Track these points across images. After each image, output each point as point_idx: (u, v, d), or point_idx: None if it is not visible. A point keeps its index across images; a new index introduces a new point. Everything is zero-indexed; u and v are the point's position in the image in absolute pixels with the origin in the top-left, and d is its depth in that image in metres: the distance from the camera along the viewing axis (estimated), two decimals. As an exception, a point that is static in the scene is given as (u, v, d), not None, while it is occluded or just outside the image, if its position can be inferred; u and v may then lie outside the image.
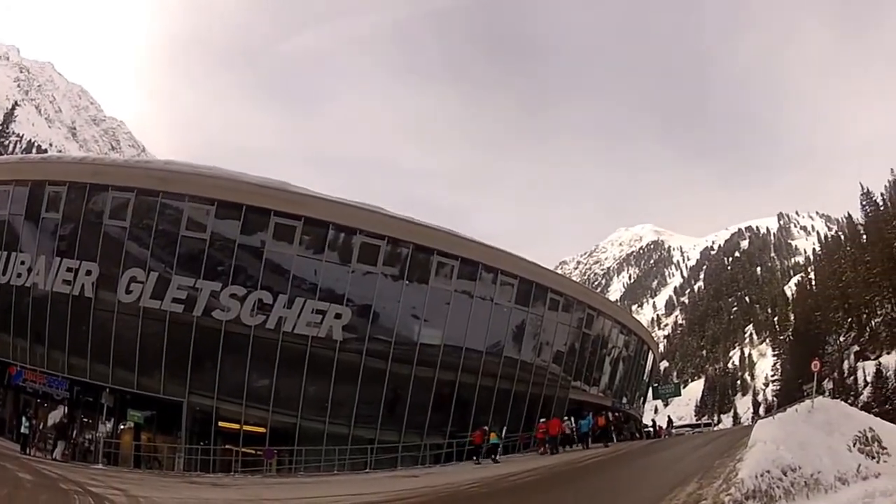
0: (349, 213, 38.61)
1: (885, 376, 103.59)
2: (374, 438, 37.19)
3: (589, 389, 52.31)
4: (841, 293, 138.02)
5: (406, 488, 24.59)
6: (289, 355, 35.97)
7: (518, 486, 24.84)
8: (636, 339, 62.16)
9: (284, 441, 35.38)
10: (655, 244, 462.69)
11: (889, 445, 32.63)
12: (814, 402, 35.06)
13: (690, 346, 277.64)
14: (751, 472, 18.46)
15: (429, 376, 39.53)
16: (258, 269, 36.43)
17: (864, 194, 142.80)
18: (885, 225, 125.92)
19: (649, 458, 33.56)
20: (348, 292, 37.72)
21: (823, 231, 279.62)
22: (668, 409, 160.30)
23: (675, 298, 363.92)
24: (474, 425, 40.31)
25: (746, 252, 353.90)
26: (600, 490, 22.83)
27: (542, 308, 46.31)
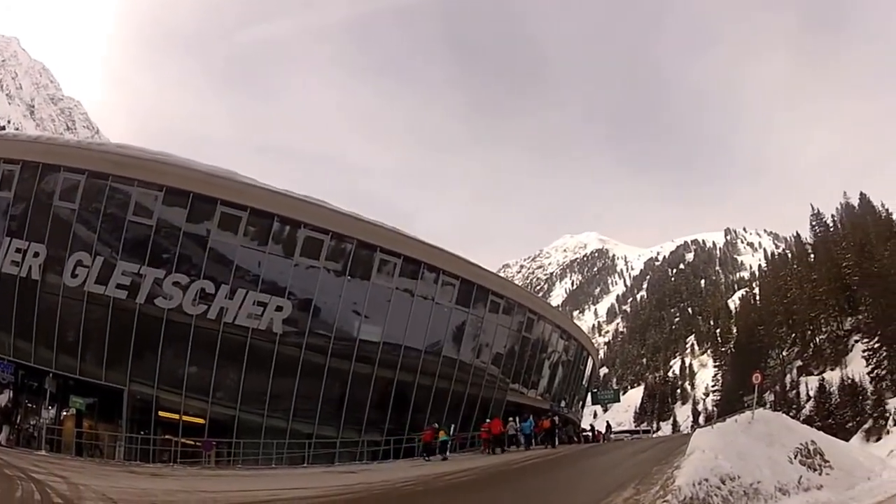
0: (294, 205, 38.87)
1: (829, 391, 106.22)
2: (312, 433, 37.27)
3: (527, 392, 53.06)
4: (785, 309, 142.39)
5: (342, 484, 24.86)
6: (229, 347, 35.99)
7: (454, 485, 25.20)
8: (576, 344, 63.12)
9: (223, 433, 35.35)
10: (600, 252, 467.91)
11: (832, 459, 33.48)
12: (754, 414, 35.82)
13: (631, 353, 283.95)
14: (688, 480, 18.84)
15: (367, 373, 39.86)
16: (202, 258, 36.38)
17: (815, 215, 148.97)
18: (834, 245, 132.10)
19: (588, 461, 34.09)
20: (290, 285, 37.92)
21: (770, 248, 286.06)
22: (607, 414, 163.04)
23: (616, 306, 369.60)
24: (412, 423, 41.19)
25: (691, 264, 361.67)
26: (536, 492, 22.88)
27: (483, 310, 46.94)
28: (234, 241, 36.82)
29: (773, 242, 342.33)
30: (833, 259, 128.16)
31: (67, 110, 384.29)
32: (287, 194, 39.48)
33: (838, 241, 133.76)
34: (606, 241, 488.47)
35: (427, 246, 44.61)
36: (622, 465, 29.36)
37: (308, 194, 41.09)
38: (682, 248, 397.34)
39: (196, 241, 36.41)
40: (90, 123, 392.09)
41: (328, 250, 39.11)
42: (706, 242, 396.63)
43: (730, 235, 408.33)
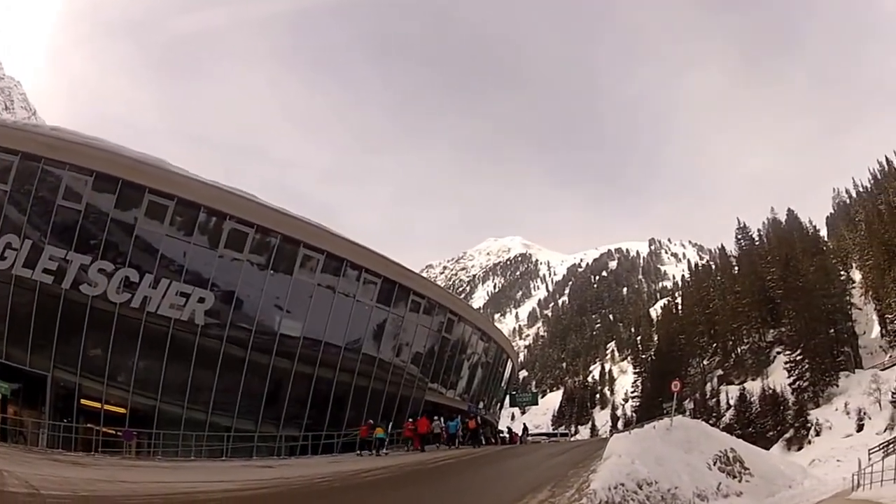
0: (221, 197, 39.24)
1: (750, 400, 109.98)
2: (231, 426, 37.66)
3: (446, 392, 53.98)
4: (707, 319, 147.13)
5: (260, 479, 25.36)
6: (151, 336, 36.16)
7: (371, 482, 25.75)
8: (496, 346, 63.97)
9: (144, 423, 35.32)
10: (523, 256, 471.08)
11: (752, 466, 35.18)
12: (673, 420, 37.14)
13: (551, 357, 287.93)
14: (604, 484, 19.80)
15: (287, 368, 40.48)
16: (128, 245, 36.34)
17: (741, 228, 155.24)
18: (758, 259, 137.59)
19: (504, 462, 34.56)
20: (214, 277, 38.32)
21: (694, 259, 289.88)
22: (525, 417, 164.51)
23: (538, 311, 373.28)
24: (330, 419, 41.97)
25: (614, 272, 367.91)
26: (452, 491, 23.81)
27: (404, 309, 47.81)
28: (160, 230, 36.94)
29: (698, 254, 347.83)
30: (757, 272, 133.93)
31: (7, 90, 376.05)
32: (214, 185, 39.91)
33: (763, 254, 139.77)
34: (530, 246, 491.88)
35: (351, 243, 45.28)
36: (538, 467, 30.02)
37: (236, 186, 41.55)
38: (606, 256, 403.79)
39: (123, 229, 36.34)
40: (28, 104, 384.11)
41: (252, 243, 39.59)
42: (630, 251, 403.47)
43: (654, 245, 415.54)
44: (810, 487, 39.03)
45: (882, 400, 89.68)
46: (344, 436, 42.12)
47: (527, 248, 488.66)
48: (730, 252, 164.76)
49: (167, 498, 19.38)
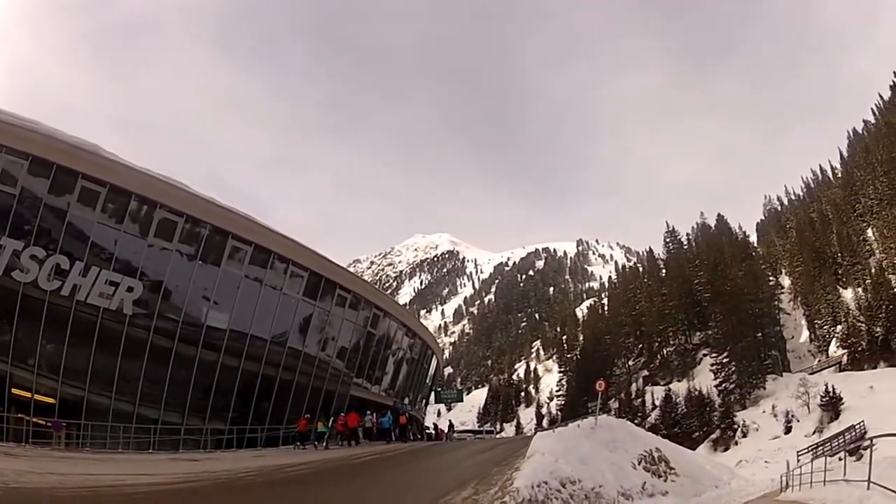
0: (152, 185, 39.25)
1: (675, 401, 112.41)
2: (157, 419, 37.79)
3: (371, 387, 54.79)
4: (634, 320, 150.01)
5: (185, 472, 25.52)
6: (80, 325, 35.82)
7: (295, 477, 26.21)
8: (421, 342, 65.13)
9: (73, 414, 35.16)
10: (451, 254, 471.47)
11: (678, 466, 36.08)
12: (598, 420, 37.75)
13: (476, 355, 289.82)
14: (527, 482, 20.33)
15: (213, 360, 40.95)
16: (60, 232, 35.85)
17: (669, 232, 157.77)
18: (687, 262, 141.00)
19: (431, 459, 35.33)
20: (143, 266, 38.40)
21: (622, 261, 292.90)
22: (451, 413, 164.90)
23: (464, 308, 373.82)
24: (255, 413, 42.54)
25: (541, 272, 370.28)
26: (376, 487, 24.06)
27: (330, 303, 48.66)
28: (92, 216, 36.66)
29: (626, 256, 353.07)
30: (685, 275, 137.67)
31: None
32: (146, 173, 39.83)
33: (692, 258, 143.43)
34: (458, 244, 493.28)
35: (279, 236, 45.95)
36: (463, 464, 30.44)
37: (169, 175, 41.37)
38: (533, 256, 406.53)
39: (56, 215, 35.84)
40: None
41: (182, 233, 39.89)
42: (557, 251, 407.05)
43: (582, 246, 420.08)
44: (737, 488, 39.93)
45: (811, 403, 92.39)
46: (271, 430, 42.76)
47: (454, 245, 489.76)
48: (658, 255, 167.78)
49: (95, 491, 19.35)
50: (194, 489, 21.68)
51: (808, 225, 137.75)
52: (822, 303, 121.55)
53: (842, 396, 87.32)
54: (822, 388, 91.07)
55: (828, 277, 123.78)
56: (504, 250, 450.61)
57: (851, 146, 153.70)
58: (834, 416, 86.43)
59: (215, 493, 21.34)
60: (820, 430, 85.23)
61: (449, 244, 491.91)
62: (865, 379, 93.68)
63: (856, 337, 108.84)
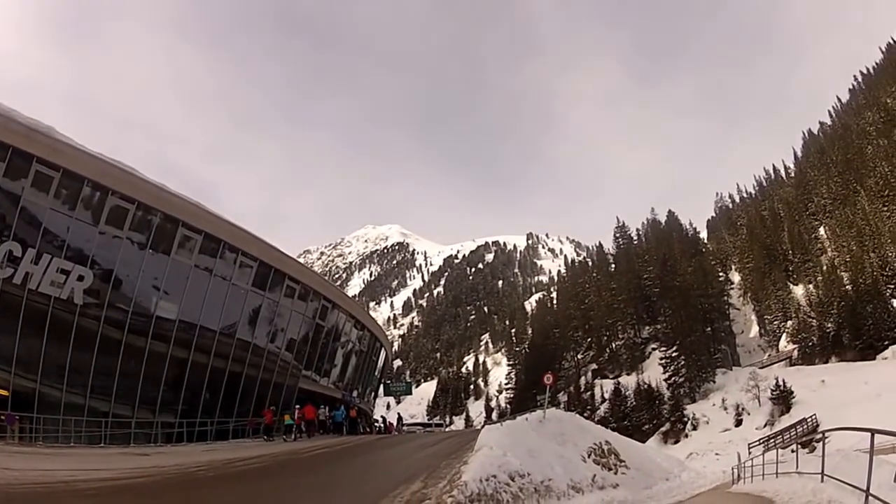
0: (105, 170, 38.88)
1: (624, 395, 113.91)
2: (108, 412, 37.87)
3: (320, 380, 55.47)
4: (583, 314, 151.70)
5: (136, 467, 25.29)
6: (32, 315, 35.43)
7: (245, 471, 26.10)
8: (370, 335, 65.85)
9: (26, 407, 34.80)
10: (401, 245, 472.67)
11: (628, 459, 37.05)
12: (546, 413, 38.47)
13: (425, 347, 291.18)
14: (475, 476, 20.40)
15: (163, 351, 41.21)
16: (13, 217, 35.21)
17: (619, 227, 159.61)
18: (636, 258, 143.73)
19: (380, 452, 35.31)
20: (94, 254, 38.22)
21: (572, 255, 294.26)
22: (400, 406, 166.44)
23: (413, 300, 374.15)
24: (204, 406, 42.96)
25: (490, 265, 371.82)
26: (328, 481, 24.11)
27: (279, 294, 49.25)
28: (45, 202, 36.13)
29: (575, 250, 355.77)
30: (634, 270, 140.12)
31: None
32: (100, 158, 39.37)
33: (641, 253, 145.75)
34: (408, 235, 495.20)
35: (230, 225, 46.36)
36: (412, 457, 30.78)
37: (120, 160, 41.05)
38: (483, 249, 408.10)
39: (10, 200, 35.15)
40: None
41: (133, 221, 39.78)
42: (507, 245, 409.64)
43: (531, 240, 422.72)
44: (688, 480, 40.83)
45: (761, 396, 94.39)
46: (221, 423, 43.06)
47: (405, 237, 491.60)
48: (608, 250, 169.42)
49: (49, 487, 19.08)
50: (145, 485, 21.64)
51: (760, 222, 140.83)
52: (772, 298, 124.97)
53: (793, 390, 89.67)
54: (772, 381, 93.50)
55: (778, 274, 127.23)
56: (454, 243, 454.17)
57: (806, 147, 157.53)
58: (785, 409, 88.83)
59: (166, 490, 21.10)
60: (771, 423, 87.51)
61: (399, 236, 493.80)
62: (817, 373, 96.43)
63: (807, 332, 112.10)
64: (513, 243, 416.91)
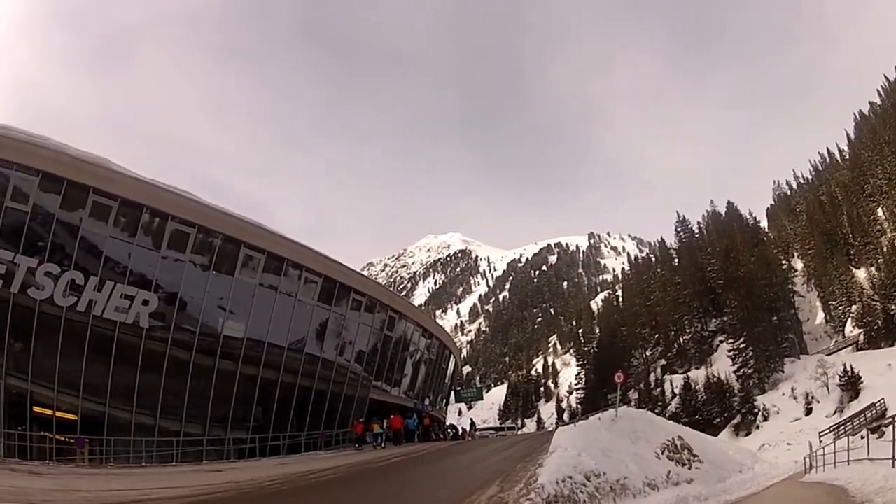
0: (163, 197, 38.96)
1: (695, 389, 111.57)
2: (179, 431, 37.63)
3: (391, 390, 54.52)
4: (648, 311, 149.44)
5: (210, 483, 24.96)
6: (98, 341, 35.58)
7: (320, 483, 25.66)
8: (438, 342, 64.94)
9: (95, 430, 34.93)
10: (463, 253, 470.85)
11: (701, 453, 35.89)
12: (618, 411, 37.68)
13: (494, 352, 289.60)
14: (551, 478, 19.72)
15: (232, 370, 40.86)
16: (73, 247, 35.66)
17: (680, 221, 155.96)
18: (699, 251, 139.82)
19: (454, 458, 34.84)
20: (157, 279, 38.15)
21: (634, 252, 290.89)
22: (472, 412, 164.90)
23: (479, 306, 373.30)
24: (276, 421, 42.36)
25: (554, 267, 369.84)
26: (404, 488, 23.56)
27: (346, 308, 48.42)
28: (104, 231, 36.42)
29: (638, 247, 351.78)
30: (698, 264, 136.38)
31: None
32: (157, 185, 39.53)
33: (703, 246, 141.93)
34: (470, 242, 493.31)
35: (291, 242, 45.69)
36: (486, 461, 30.15)
37: (176, 185, 41.02)
38: (546, 251, 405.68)
39: (68, 230, 35.59)
40: None
41: (195, 244, 39.65)
42: (569, 246, 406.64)
43: (593, 239, 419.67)
44: (761, 472, 39.70)
45: (830, 384, 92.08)
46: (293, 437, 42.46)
47: (466, 244, 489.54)
48: (670, 245, 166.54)
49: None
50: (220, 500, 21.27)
51: (819, 207, 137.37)
52: (835, 284, 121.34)
53: (860, 375, 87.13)
54: (840, 368, 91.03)
55: (840, 258, 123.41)
56: (516, 247, 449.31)
57: (858, 128, 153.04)
58: (854, 395, 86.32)
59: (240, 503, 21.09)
60: (840, 409, 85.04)
61: (461, 243, 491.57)
62: (883, 357, 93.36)
63: (871, 316, 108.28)
64: (575, 244, 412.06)
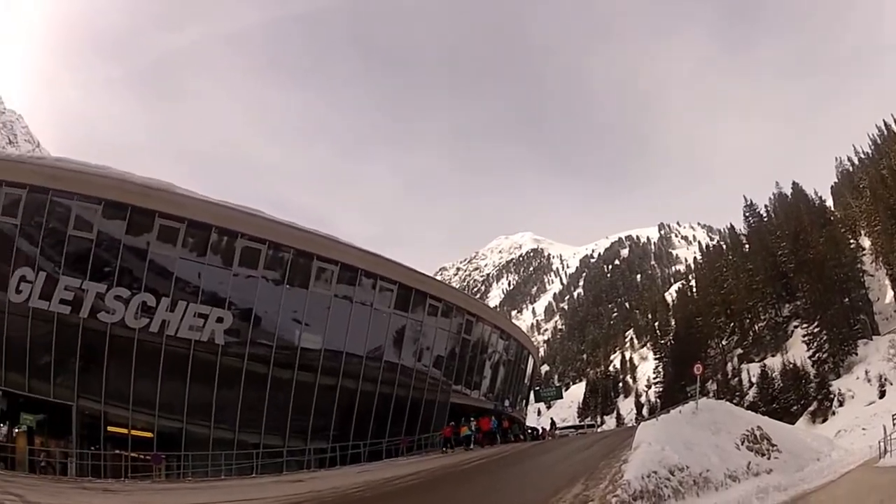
0: (231, 216, 39.18)
1: (771, 377, 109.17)
2: (258, 443, 37.56)
3: (470, 393, 53.71)
4: (722, 299, 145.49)
5: (292, 493, 25.07)
6: (172, 359, 36.14)
7: (403, 488, 25.45)
8: (516, 343, 63.81)
9: (171, 446, 35.41)
10: (535, 252, 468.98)
11: (779, 442, 34.60)
12: (698, 403, 36.53)
13: (571, 350, 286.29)
14: (637, 473, 19.32)
15: (310, 381, 40.48)
16: (142, 270, 36.42)
17: (748, 206, 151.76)
18: (768, 235, 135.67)
19: (537, 458, 34.34)
20: (230, 296, 38.28)
21: (705, 241, 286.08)
22: (551, 411, 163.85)
23: (554, 304, 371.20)
24: (356, 430, 41.80)
25: (626, 260, 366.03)
26: (489, 490, 23.59)
27: (422, 313, 47.76)
28: (173, 253, 36.96)
29: (708, 235, 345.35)
30: (768, 248, 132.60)
31: (9, 124, 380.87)
32: (224, 205, 39.77)
33: (772, 230, 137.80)
34: (541, 241, 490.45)
35: (363, 252, 45.13)
36: (569, 460, 29.82)
37: (242, 203, 41.19)
38: (617, 245, 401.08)
39: (136, 254, 36.42)
40: (31, 136, 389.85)
41: (266, 259, 39.57)
42: (640, 238, 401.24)
43: (664, 230, 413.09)
44: (838, 458, 38.65)
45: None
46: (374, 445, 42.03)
47: (538, 242, 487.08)
48: (739, 230, 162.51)
49: None
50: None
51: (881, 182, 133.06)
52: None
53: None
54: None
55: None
56: (588, 243, 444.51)
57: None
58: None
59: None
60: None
61: (532, 242, 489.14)
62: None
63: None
64: (646, 235, 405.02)
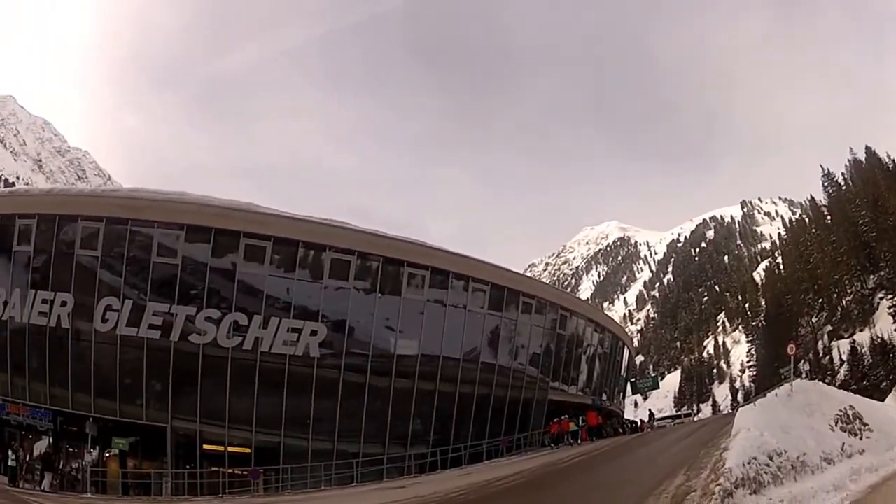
0: (317, 230, 39.05)
1: (860, 353, 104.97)
2: (358, 452, 37.32)
3: (568, 389, 52.77)
4: (809, 275, 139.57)
5: (395, 500, 24.86)
6: (268, 375, 36.14)
7: (505, 489, 24.80)
8: (610, 335, 62.66)
9: (269, 460, 35.46)
10: (622, 240, 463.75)
11: (871, 422, 32.95)
12: (792, 385, 35.07)
13: (664, 338, 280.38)
14: (738, 461, 18.20)
15: (408, 387, 39.96)
16: (231, 290, 36.49)
17: (826, 175, 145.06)
18: (848, 204, 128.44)
19: (636, 452, 33.69)
20: (322, 309, 37.95)
21: (787, 215, 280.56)
22: (648, 402, 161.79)
23: (645, 293, 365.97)
24: (456, 433, 41.70)
25: (712, 242, 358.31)
26: (591, 486, 22.98)
27: (516, 312, 46.93)
28: (261, 270, 36.90)
29: (790, 209, 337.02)
30: (849, 218, 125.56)
31: (76, 161, 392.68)
32: (308, 219, 39.65)
33: (851, 198, 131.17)
34: (627, 229, 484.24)
35: (452, 255, 44.64)
36: (669, 451, 29.10)
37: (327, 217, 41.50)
38: (702, 227, 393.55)
39: (223, 275, 36.55)
40: (101, 170, 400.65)
41: (356, 270, 39.17)
42: (724, 217, 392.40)
43: (746, 207, 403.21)
44: None
45: None
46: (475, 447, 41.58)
47: (624, 231, 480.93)
48: (819, 202, 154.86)
49: None
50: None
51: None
52: None
53: None
54: None
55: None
56: (673, 227, 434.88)
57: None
58: None
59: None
60: None
61: (619, 231, 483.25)
62: None
63: None
64: (729, 215, 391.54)
